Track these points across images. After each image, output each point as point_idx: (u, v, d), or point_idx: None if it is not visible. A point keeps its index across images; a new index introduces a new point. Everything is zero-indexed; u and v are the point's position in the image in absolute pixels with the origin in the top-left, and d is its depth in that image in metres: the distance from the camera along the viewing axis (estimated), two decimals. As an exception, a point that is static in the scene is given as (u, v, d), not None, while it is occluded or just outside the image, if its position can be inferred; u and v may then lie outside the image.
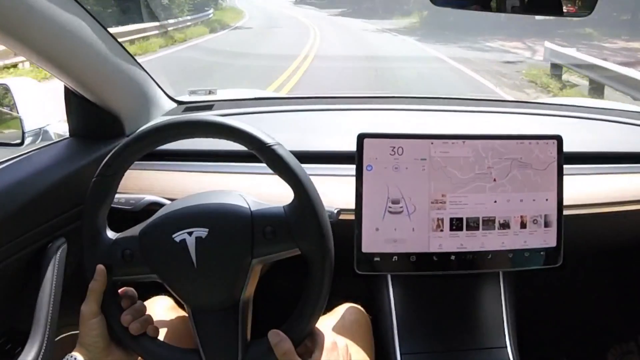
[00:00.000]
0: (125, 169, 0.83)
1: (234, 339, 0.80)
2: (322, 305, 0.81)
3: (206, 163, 1.20)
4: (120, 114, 1.16)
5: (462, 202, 1.02)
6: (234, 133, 0.80)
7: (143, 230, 0.82)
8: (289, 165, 0.79)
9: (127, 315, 0.80)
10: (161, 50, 11.69)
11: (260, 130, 0.80)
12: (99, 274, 0.80)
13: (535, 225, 1.04)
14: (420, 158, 1.01)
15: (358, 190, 1.00)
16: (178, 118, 0.83)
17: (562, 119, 1.42)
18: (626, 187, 1.22)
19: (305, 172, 0.81)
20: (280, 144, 0.80)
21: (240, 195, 0.83)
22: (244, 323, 0.81)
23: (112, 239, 0.83)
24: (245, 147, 0.80)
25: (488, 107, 1.51)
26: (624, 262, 1.63)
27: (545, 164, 1.04)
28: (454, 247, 1.02)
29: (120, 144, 0.82)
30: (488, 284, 1.16)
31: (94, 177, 0.82)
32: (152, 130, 0.82)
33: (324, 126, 1.37)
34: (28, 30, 0.84)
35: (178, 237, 0.79)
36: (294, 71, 9.00)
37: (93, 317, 0.79)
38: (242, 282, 0.80)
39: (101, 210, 0.82)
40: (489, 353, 1.10)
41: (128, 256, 0.81)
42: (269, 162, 0.80)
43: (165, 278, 0.81)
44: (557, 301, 1.57)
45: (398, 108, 1.45)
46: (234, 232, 0.79)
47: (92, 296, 0.80)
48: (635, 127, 1.41)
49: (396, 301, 1.14)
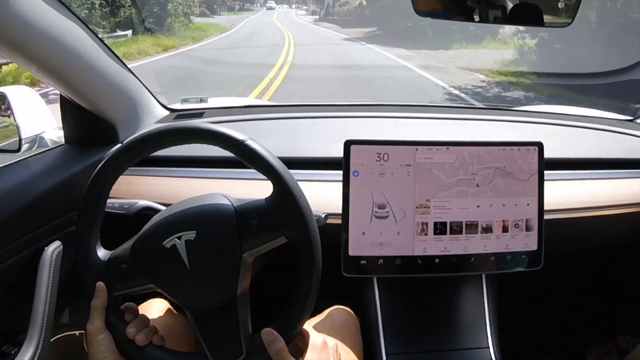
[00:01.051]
0: (121, 171, 0.85)
1: (236, 334, 0.82)
2: (314, 296, 0.83)
3: (197, 169, 1.22)
4: (114, 122, 1.18)
5: (446, 206, 1.05)
6: (208, 135, 0.82)
7: (134, 243, 0.83)
8: (263, 157, 0.81)
9: (131, 328, 0.82)
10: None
11: (232, 129, 0.82)
12: (99, 290, 0.81)
13: (517, 229, 1.07)
14: (405, 164, 1.03)
15: (345, 195, 1.02)
16: (156, 129, 0.85)
17: (542, 126, 1.45)
18: (605, 192, 1.26)
19: (281, 163, 0.82)
20: (253, 139, 0.81)
21: (223, 195, 0.85)
22: (243, 317, 0.83)
23: (107, 257, 0.84)
24: (221, 147, 0.82)
25: (471, 115, 1.54)
26: (602, 264, 1.67)
27: (527, 175, 1.07)
28: (438, 251, 1.05)
29: (139, 136, 0.84)
30: (471, 286, 1.18)
31: (83, 197, 0.83)
32: (124, 148, 0.84)
33: (312, 133, 1.40)
34: (25, 40, 0.86)
35: (168, 243, 0.81)
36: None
37: (99, 334, 0.81)
38: (236, 277, 0.82)
39: (94, 229, 0.84)
40: (472, 353, 1.12)
41: (124, 270, 0.82)
42: (244, 157, 0.81)
43: (162, 285, 0.82)
44: (538, 303, 1.61)
45: (384, 115, 1.48)
46: (221, 230, 0.81)
47: (96, 313, 0.81)
48: (613, 133, 1.44)
49: (382, 303, 1.16)
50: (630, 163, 1.35)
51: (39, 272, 0.95)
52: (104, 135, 1.18)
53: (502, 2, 1.11)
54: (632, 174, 1.32)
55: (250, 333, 0.83)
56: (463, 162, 1.05)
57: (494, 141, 1.07)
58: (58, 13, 0.92)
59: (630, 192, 1.27)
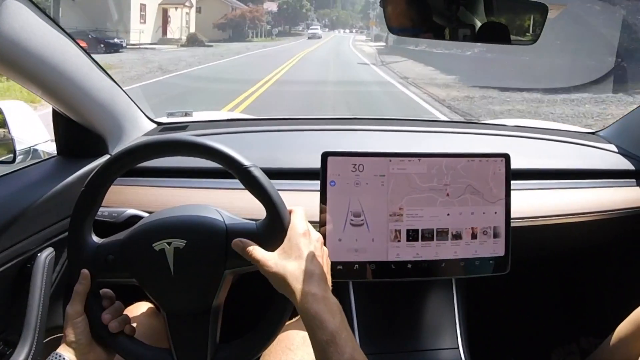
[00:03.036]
0: (112, 180, 0.88)
1: (204, 342, 0.85)
2: (282, 327, 0.87)
3: (182, 179, 1.26)
4: (104, 134, 1.22)
5: (418, 214, 1.09)
6: (214, 154, 0.85)
7: (125, 238, 0.87)
8: (263, 186, 0.84)
9: (107, 314, 0.85)
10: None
11: (238, 152, 0.85)
12: (84, 277, 0.85)
13: (485, 236, 1.12)
14: (379, 174, 1.08)
15: (322, 204, 1.06)
16: (168, 137, 0.88)
17: (510, 138, 1.51)
18: (568, 201, 1.32)
19: (277, 193, 0.85)
20: (255, 165, 0.85)
21: (217, 210, 0.89)
22: (214, 327, 0.86)
23: (97, 243, 0.87)
24: (223, 166, 0.85)
25: (441, 128, 1.60)
26: (566, 269, 1.74)
27: (495, 199, 1.11)
28: (410, 256, 1.09)
29: (111, 157, 0.87)
30: (442, 290, 1.23)
31: (82, 188, 0.87)
32: (141, 146, 0.87)
33: (291, 145, 1.44)
34: (18, 57, 0.90)
35: (158, 246, 0.84)
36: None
37: (77, 317, 0.84)
38: (215, 290, 0.85)
39: (87, 217, 0.87)
40: (443, 353, 1.17)
41: (110, 261, 0.86)
42: (245, 182, 0.84)
43: (143, 283, 0.86)
44: (506, 305, 1.66)
45: (360, 128, 1.53)
46: (209, 244, 0.85)
47: (77, 298, 0.85)
48: (576, 146, 1.51)
49: (357, 306, 1.20)
50: (592, 173, 1.41)
51: (33, 277, 0.99)
52: (94, 147, 1.22)
53: (471, 21, 1.16)
54: (594, 184, 1.39)
55: (217, 343, 0.87)
56: (439, 172, 1.09)
57: (463, 153, 1.12)
58: (50, 31, 0.96)
59: (591, 200, 1.34)
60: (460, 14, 1.14)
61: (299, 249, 0.82)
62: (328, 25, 58.42)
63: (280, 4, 63.18)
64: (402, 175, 1.09)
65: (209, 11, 44.22)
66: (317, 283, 0.80)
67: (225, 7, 46.78)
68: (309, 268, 0.81)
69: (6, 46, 0.86)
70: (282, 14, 63.44)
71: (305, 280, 0.80)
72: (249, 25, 47.57)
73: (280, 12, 63.07)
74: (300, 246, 0.82)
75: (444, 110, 9.41)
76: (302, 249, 0.82)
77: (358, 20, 60.07)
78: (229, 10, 46.72)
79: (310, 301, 0.78)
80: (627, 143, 1.52)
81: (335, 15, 61.78)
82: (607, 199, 1.36)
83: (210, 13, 44.26)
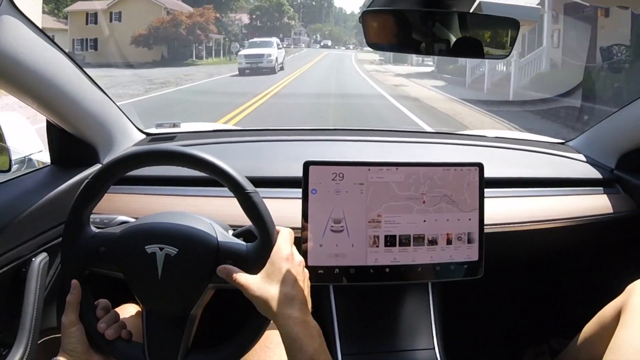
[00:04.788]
0: (117, 177, 0.91)
1: (176, 345, 0.89)
2: (258, 338, 0.90)
3: (171, 187, 1.30)
4: (95, 144, 1.26)
5: (396, 221, 1.13)
6: (220, 173, 0.88)
7: (120, 234, 0.90)
8: (261, 213, 0.88)
9: (102, 324, 0.89)
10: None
11: (242, 175, 0.88)
12: (74, 287, 0.88)
13: (460, 242, 1.16)
14: (359, 182, 1.12)
15: (304, 211, 1.10)
16: (177, 148, 0.91)
17: (483, 148, 1.57)
18: (539, 208, 1.37)
19: (272, 220, 0.89)
20: (256, 191, 0.88)
21: (211, 225, 0.92)
22: (188, 333, 0.90)
23: (92, 232, 0.91)
24: (226, 186, 0.88)
25: (418, 138, 1.65)
26: (537, 273, 1.80)
27: (469, 206, 1.16)
28: (388, 261, 1.13)
29: (117, 158, 0.91)
30: (419, 293, 1.27)
31: (87, 180, 0.90)
32: (156, 150, 0.91)
33: (274, 155, 1.47)
34: (13, 71, 0.93)
35: (150, 249, 0.88)
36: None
37: (72, 327, 0.88)
38: (196, 300, 0.89)
39: (88, 207, 0.91)
40: (419, 353, 1.21)
41: (102, 253, 0.89)
42: (244, 205, 0.88)
43: (130, 280, 0.89)
44: (480, 308, 1.71)
45: (340, 139, 1.57)
46: (199, 258, 0.88)
47: (69, 308, 0.88)
48: (546, 155, 1.57)
49: (338, 308, 1.24)
50: (562, 182, 1.47)
51: (27, 281, 1.03)
52: (86, 157, 1.26)
53: (446, 36, 1.20)
54: (563, 192, 1.44)
55: (188, 348, 0.91)
56: (416, 181, 1.14)
57: (439, 162, 1.16)
58: (43, 46, 0.99)
59: (561, 208, 1.39)
60: (435, 29, 1.18)
61: (282, 273, 0.85)
62: (319, 41, 50.35)
63: (252, 10, 45.26)
64: (381, 184, 1.13)
65: (134, 19, 28.17)
66: (298, 307, 0.83)
67: (157, 11, 29.57)
68: (291, 292, 0.84)
69: (2, 60, 0.89)
70: (253, 25, 44.68)
71: (287, 304, 0.83)
72: (194, 39, 29.76)
73: (252, 24, 44.52)
74: (282, 270, 0.85)
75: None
76: (285, 273, 0.85)
77: (352, 36, 54.36)
78: (162, 14, 29.47)
79: (290, 324, 0.82)
80: (595, 153, 1.58)
81: (328, 30, 54.33)
82: (576, 206, 1.41)
83: (136, 21, 28.06)
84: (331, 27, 54.80)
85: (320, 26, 53.02)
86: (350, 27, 57.42)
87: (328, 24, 55.93)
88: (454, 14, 1.11)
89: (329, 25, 55.43)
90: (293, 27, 51.06)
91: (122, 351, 0.90)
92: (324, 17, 55.11)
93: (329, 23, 56.16)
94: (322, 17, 54.45)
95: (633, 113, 1.46)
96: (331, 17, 57.99)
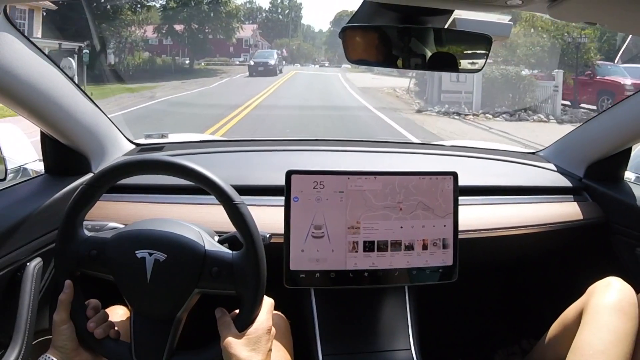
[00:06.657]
0: (106, 186, 0.95)
1: (162, 345, 0.93)
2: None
3: (159, 195, 1.34)
4: (87, 154, 1.31)
5: (374, 227, 1.19)
6: (212, 186, 0.92)
7: (111, 239, 0.94)
8: (247, 223, 0.92)
9: (91, 323, 0.93)
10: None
11: (229, 186, 0.92)
12: (68, 287, 0.93)
13: (435, 247, 1.21)
14: (339, 191, 1.17)
15: (286, 218, 1.15)
16: (166, 159, 0.95)
17: (458, 158, 1.62)
18: (511, 215, 1.43)
19: (258, 231, 0.93)
20: (244, 202, 0.92)
21: (199, 232, 0.96)
22: (174, 334, 0.94)
23: (85, 236, 0.95)
24: (214, 196, 0.92)
25: (396, 148, 1.70)
26: (509, 277, 1.87)
27: (444, 213, 1.22)
28: (367, 266, 1.18)
29: (109, 167, 0.94)
30: (396, 296, 1.31)
31: (83, 185, 0.94)
32: (146, 160, 0.95)
33: (258, 164, 1.52)
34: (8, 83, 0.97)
35: (140, 254, 0.91)
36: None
37: (63, 325, 0.92)
38: (182, 303, 0.93)
39: (81, 212, 0.95)
40: (397, 354, 1.25)
41: (94, 256, 0.93)
42: (232, 215, 0.92)
43: (119, 282, 0.93)
44: (454, 310, 1.77)
45: (321, 149, 1.62)
46: (186, 264, 0.92)
47: (62, 306, 0.92)
48: (518, 164, 1.63)
49: (319, 310, 1.28)
50: (533, 190, 1.54)
51: (22, 284, 1.07)
52: (79, 166, 1.31)
53: (422, 51, 1.25)
54: (534, 200, 1.51)
55: (173, 349, 0.95)
56: (392, 191, 1.19)
57: (415, 171, 1.21)
58: (38, 60, 1.04)
59: (532, 215, 1.45)
60: (412, 44, 1.23)
61: (259, 343, 0.92)
62: (286, 57, 37.08)
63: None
64: (359, 193, 1.18)
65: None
66: None
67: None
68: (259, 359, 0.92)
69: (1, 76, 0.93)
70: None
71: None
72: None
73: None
74: (261, 341, 0.92)
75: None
76: (261, 344, 0.92)
77: (322, 53, 48.50)
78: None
79: None
80: (564, 162, 1.65)
81: (296, 45, 47.30)
82: (546, 213, 1.47)
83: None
84: (299, 42, 49.12)
85: (287, 41, 46.49)
86: (318, 45, 52.96)
87: (296, 38, 49.91)
88: (430, 30, 1.15)
89: (297, 39, 49.86)
90: (250, 44, 36.62)
91: (110, 350, 0.93)
92: (291, 32, 49.45)
93: (297, 38, 50.49)
94: (289, 32, 49.24)
95: (599, 125, 1.53)
96: (299, 33, 52.52)
